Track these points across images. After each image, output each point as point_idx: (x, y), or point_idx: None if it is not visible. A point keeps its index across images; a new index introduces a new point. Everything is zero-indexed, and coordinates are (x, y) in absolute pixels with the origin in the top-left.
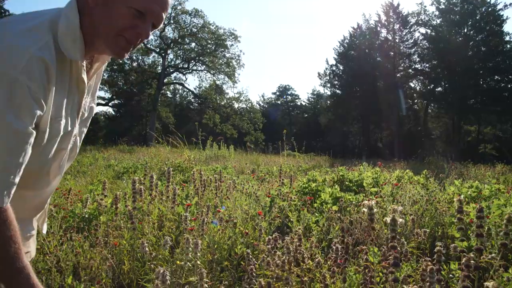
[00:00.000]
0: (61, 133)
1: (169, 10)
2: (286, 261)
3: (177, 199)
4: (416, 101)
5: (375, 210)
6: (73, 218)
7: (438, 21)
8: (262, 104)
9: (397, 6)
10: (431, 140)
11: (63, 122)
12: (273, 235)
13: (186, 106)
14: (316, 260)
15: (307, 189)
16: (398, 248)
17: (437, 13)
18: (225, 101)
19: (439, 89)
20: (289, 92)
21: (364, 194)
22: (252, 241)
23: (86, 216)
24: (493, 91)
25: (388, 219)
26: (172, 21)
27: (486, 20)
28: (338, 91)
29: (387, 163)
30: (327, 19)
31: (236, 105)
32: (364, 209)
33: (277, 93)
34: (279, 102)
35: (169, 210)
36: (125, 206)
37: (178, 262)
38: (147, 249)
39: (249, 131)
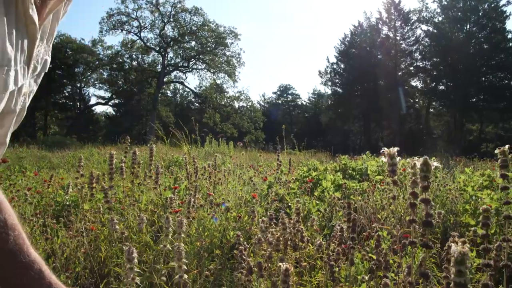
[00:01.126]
0: (11, 87)
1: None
2: (281, 239)
3: (165, 183)
4: (417, 100)
5: (397, 159)
6: (53, 206)
7: (440, 18)
8: (262, 103)
9: (398, 3)
10: (433, 139)
11: (12, 73)
12: (268, 214)
13: (186, 106)
14: (317, 242)
15: (307, 178)
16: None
17: (438, 10)
18: (225, 100)
19: (441, 87)
20: (289, 92)
21: (368, 182)
22: (245, 226)
23: (68, 203)
24: (496, 88)
25: (418, 163)
26: (171, 19)
27: (488, 16)
28: (339, 90)
29: None
30: (328, 18)
31: (236, 104)
32: (383, 158)
33: (278, 92)
34: (279, 101)
35: (151, 189)
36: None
37: (156, 247)
38: (117, 226)
39: (249, 130)
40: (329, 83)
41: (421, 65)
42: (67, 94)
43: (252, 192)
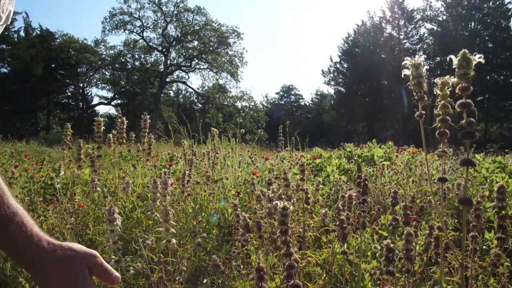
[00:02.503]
0: None
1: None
2: (283, 196)
3: (161, 164)
4: None
5: (424, 69)
6: (45, 189)
7: (444, 17)
8: (265, 104)
9: (402, 2)
10: (437, 139)
11: None
12: (267, 179)
13: (189, 106)
14: (323, 211)
15: (310, 166)
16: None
17: (442, 9)
18: (228, 100)
19: None
20: (292, 92)
21: (375, 168)
22: (244, 203)
23: (59, 186)
24: (501, 87)
25: (455, 59)
26: (174, 19)
27: (493, 14)
28: (342, 89)
29: None
30: (331, 17)
31: (239, 104)
32: (405, 71)
33: (281, 93)
34: (282, 102)
35: (144, 163)
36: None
37: (147, 221)
38: (99, 188)
39: (252, 129)
40: (332, 83)
41: (425, 64)
42: (69, 94)
43: (251, 171)
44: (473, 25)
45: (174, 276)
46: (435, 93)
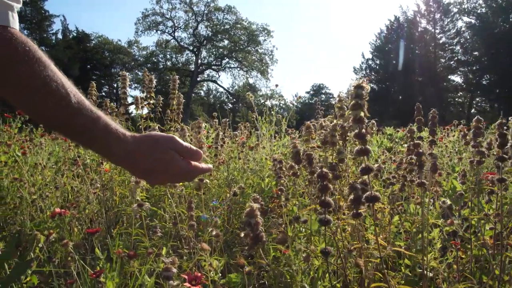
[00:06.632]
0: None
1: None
2: (337, 128)
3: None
4: (457, 99)
5: None
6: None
7: (483, 9)
8: (295, 103)
9: None
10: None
11: None
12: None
13: (220, 106)
14: (376, 165)
15: None
16: None
17: (481, 1)
18: (258, 98)
19: (485, 82)
20: (323, 91)
21: None
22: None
23: (88, 161)
24: None
25: None
26: (205, 19)
27: None
28: (374, 86)
29: None
30: (363, 13)
31: (269, 103)
32: None
33: (311, 92)
34: (312, 101)
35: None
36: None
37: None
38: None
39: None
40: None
41: (462, 59)
42: (104, 94)
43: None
44: None
45: (207, 229)
46: None
